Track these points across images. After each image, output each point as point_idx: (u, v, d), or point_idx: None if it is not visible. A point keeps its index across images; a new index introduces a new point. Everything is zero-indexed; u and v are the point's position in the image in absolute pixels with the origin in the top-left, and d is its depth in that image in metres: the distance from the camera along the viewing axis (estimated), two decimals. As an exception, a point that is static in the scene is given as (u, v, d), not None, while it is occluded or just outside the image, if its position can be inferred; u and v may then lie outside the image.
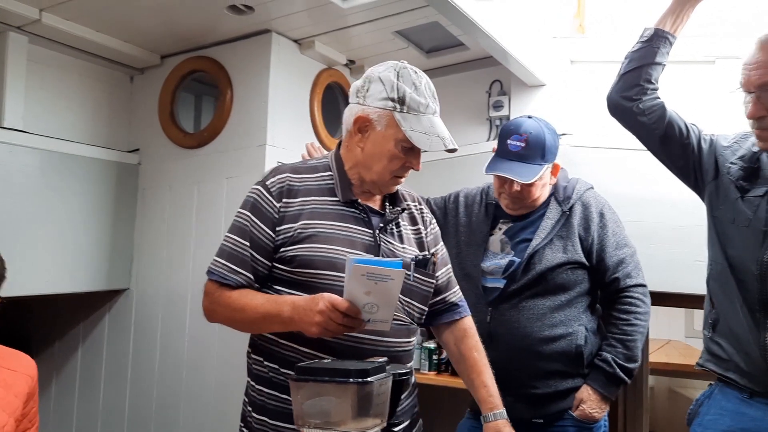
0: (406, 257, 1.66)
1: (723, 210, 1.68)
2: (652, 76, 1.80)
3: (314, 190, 1.63)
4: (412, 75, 1.59)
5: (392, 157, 1.59)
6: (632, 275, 2.08)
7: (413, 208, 1.78)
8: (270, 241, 1.59)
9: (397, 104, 1.56)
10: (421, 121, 1.56)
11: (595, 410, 2.02)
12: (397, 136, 1.57)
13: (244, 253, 1.60)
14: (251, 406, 1.67)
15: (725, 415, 1.63)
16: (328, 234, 1.58)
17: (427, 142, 1.55)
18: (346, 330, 1.43)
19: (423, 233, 1.76)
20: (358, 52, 2.87)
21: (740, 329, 1.60)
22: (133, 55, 2.76)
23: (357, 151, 1.63)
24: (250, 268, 1.60)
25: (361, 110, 1.60)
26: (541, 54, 2.68)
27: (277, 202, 1.60)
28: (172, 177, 2.79)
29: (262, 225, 1.60)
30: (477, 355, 1.76)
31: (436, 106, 1.61)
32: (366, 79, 1.62)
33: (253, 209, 1.61)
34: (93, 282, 2.75)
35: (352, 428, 1.18)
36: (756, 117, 1.56)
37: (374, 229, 1.63)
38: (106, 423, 2.89)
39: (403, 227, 1.71)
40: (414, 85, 1.57)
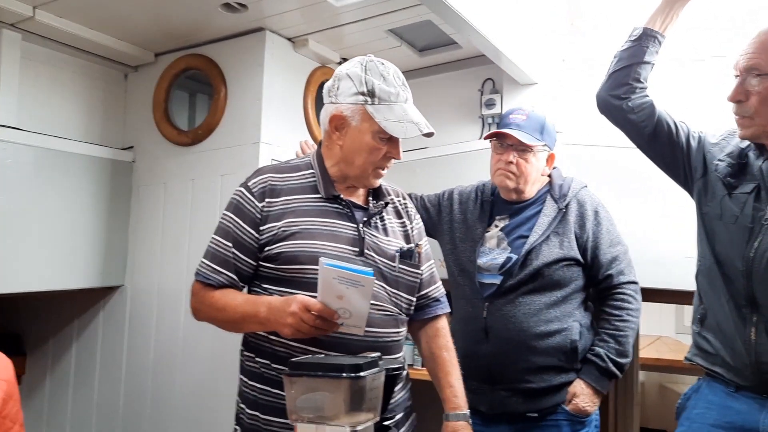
0: (391, 249, 1.69)
1: (711, 207, 1.70)
2: (641, 75, 1.82)
3: (297, 189, 1.67)
4: (379, 67, 1.63)
5: (371, 149, 1.63)
6: (625, 272, 2.11)
7: (397, 202, 1.81)
8: (254, 241, 1.63)
9: (368, 97, 1.59)
10: (393, 110, 1.59)
11: (588, 404, 2.05)
12: (372, 128, 1.60)
13: (226, 254, 1.64)
14: (244, 403, 1.69)
15: (712, 409, 1.66)
16: (312, 230, 1.61)
17: (402, 130, 1.59)
18: (318, 332, 1.46)
19: (409, 227, 1.79)
20: (351, 50, 2.87)
21: (727, 324, 1.62)
22: (127, 53, 2.76)
23: (336, 149, 1.67)
24: (232, 267, 1.64)
25: (334, 108, 1.64)
26: (533, 52, 2.69)
27: (259, 202, 1.64)
28: (167, 174, 2.80)
29: (245, 225, 1.64)
30: (446, 354, 1.80)
31: (407, 93, 1.64)
32: (335, 77, 1.66)
33: (236, 210, 1.66)
34: (87, 279, 2.75)
35: (345, 422, 1.20)
36: (735, 100, 1.59)
37: (358, 223, 1.66)
38: (100, 420, 2.89)
39: (387, 220, 1.74)
40: (382, 76, 1.61)
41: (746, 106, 1.58)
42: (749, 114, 1.58)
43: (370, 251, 1.65)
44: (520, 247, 2.09)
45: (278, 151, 2.61)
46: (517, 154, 2.13)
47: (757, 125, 1.59)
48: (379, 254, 1.67)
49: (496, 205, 2.24)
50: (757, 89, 1.55)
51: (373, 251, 1.66)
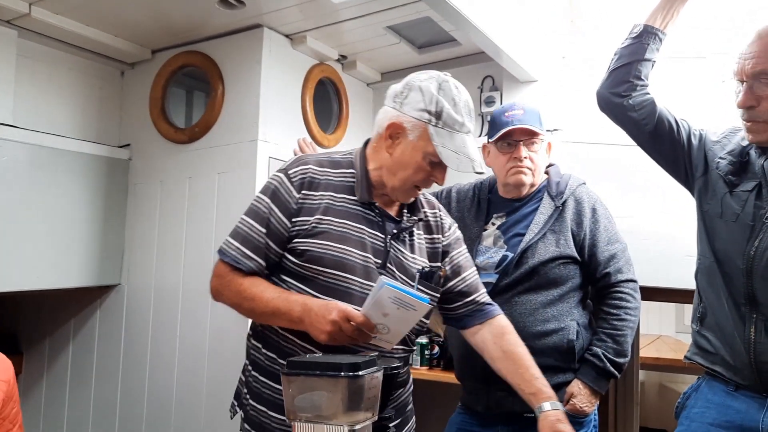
0: (414, 267, 1.65)
1: (711, 205, 1.69)
2: (641, 73, 1.81)
3: (334, 186, 1.62)
4: (453, 90, 1.57)
5: (418, 168, 1.58)
6: (623, 270, 2.09)
7: (430, 216, 1.75)
8: (285, 231, 1.58)
9: (433, 117, 1.54)
10: (454, 139, 1.54)
11: (586, 404, 2.03)
12: (426, 149, 1.55)
13: (259, 240, 1.58)
14: (249, 393, 1.68)
15: (711, 408, 1.64)
16: (341, 233, 1.58)
17: (455, 161, 1.54)
18: (352, 341, 1.44)
19: (439, 242, 1.75)
20: (349, 47, 2.86)
21: (726, 323, 1.61)
22: (123, 50, 2.75)
23: (384, 155, 1.62)
24: (263, 255, 1.59)
25: (396, 116, 1.58)
26: (532, 50, 2.68)
27: (297, 192, 1.59)
28: (163, 172, 2.79)
29: (280, 214, 1.59)
30: (521, 350, 1.72)
31: (472, 125, 1.59)
32: (406, 85, 1.60)
33: (273, 196, 1.60)
34: (84, 277, 2.74)
35: (343, 422, 1.18)
36: (746, 106, 1.56)
37: (387, 234, 1.62)
38: (97, 419, 2.88)
39: (416, 236, 1.70)
40: (453, 101, 1.55)
41: (758, 111, 1.55)
42: (763, 119, 1.56)
43: (392, 265, 1.62)
44: (516, 246, 2.08)
45: (276, 148, 2.60)
46: (527, 147, 2.11)
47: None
48: (400, 270, 1.63)
49: (493, 203, 2.23)
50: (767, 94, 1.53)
51: (395, 266, 1.62)
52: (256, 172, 2.52)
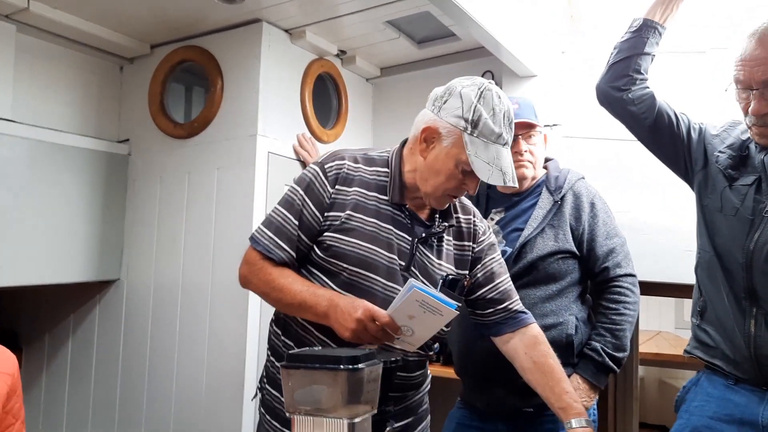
0: (438, 273, 1.64)
1: (711, 199, 1.69)
2: (641, 67, 1.81)
3: (367, 184, 1.62)
4: (494, 99, 1.54)
5: (450, 176, 1.57)
6: (622, 265, 2.09)
7: (463, 221, 1.73)
8: (317, 224, 1.59)
9: (470, 126, 1.52)
10: (489, 149, 1.52)
11: (585, 399, 2.03)
12: (460, 157, 1.54)
13: (291, 231, 1.59)
14: (266, 377, 1.71)
15: (711, 402, 1.65)
16: (369, 232, 1.58)
17: (487, 173, 1.52)
18: (375, 341, 1.45)
19: (469, 249, 1.72)
20: (349, 42, 2.86)
21: (726, 317, 1.61)
22: (122, 45, 2.75)
23: (419, 158, 1.61)
24: (294, 246, 1.60)
25: (432, 120, 1.57)
26: (532, 45, 2.68)
27: (330, 187, 1.59)
28: (163, 168, 2.79)
29: (313, 207, 1.59)
30: (553, 361, 1.69)
31: (509, 137, 1.56)
32: (447, 89, 1.58)
33: (307, 189, 1.60)
34: (83, 273, 2.74)
35: (342, 415, 1.18)
36: (761, 114, 1.54)
37: (414, 237, 1.62)
38: (96, 414, 2.88)
39: (445, 242, 1.68)
40: (493, 111, 1.52)
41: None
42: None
43: (416, 269, 1.61)
44: (515, 241, 2.08)
45: (275, 144, 2.60)
46: (526, 141, 2.12)
47: None
48: (424, 275, 1.62)
49: (492, 199, 2.23)
50: None
51: (419, 270, 1.62)
52: (255, 168, 2.51)
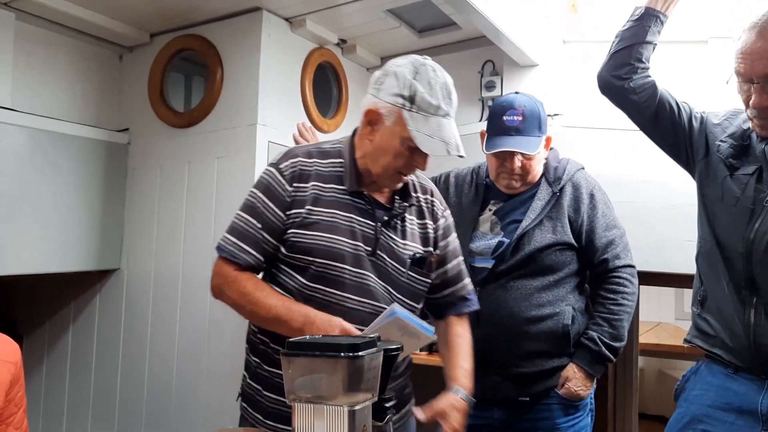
0: (405, 253, 1.67)
1: (712, 188, 1.68)
2: (642, 55, 1.80)
3: (324, 176, 1.65)
4: (430, 73, 1.56)
5: (397, 154, 1.59)
6: (621, 256, 2.09)
7: (423, 201, 1.77)
8: (281, 223, 1.62)
9: (407, 102, 1.54)
10: (429, 122, 1.54)
11: (581, 388, 2.04)
12: (402, 134, 1.56)
13: (256, 235, 1.62)
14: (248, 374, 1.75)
15: (710, 390, 1.65)
16: (330, 223, 1.61)
17: (430, 145, 1.54)
18: None
19: (430, 227, 1.76)
20: (349, 31, 2.85)
21: (726, 306, 1.61)
22: (121, 33, 2.73)
23: (366, 143, 1.64)
24: (261, 249, 1.63)
25: (373, 103, 1.60)
26: (533, 34, 2.67)
27: (289, 186, 1.62)
28: (163, 157, 2.78)
29: (275, 207, 1.62)
30: (460, 339, 1.77)
31: (450, 108, 1.58)
32: (384, 71, 1.61)
33: (266, 191, 1.64)
34: (83, 262, 2.74)
35: (343, 402, 1.18)
36: (762, 107, 1.54)
37: (377, 222, 1.65)
38: (97, 404, 2.89)
39: (408, 222, 1.71)
40: (429, 84, 1.55)
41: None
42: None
43: (383, 252, 1.64)
44: (513, 232, 2.07)
45: (275, 133, 2.59)
46: (522, 156, 2.07)
47: None
48: (391, 257, 1.65)
49: (491, 189, 2.22)
50: None
51: (385, 253, 1.65)
52: (255, 157, 2.51)
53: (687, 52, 2.50)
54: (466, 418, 1.61)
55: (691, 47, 2.52)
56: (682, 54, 2.48)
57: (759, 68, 1.51)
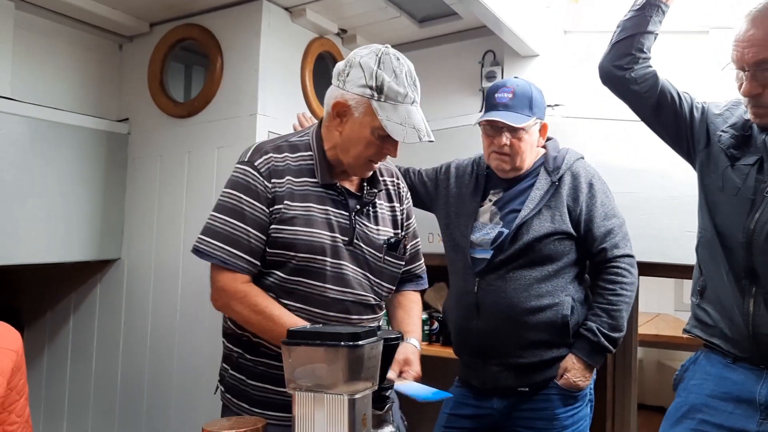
0: (379, 238, 1.74)
1: (713, 178, 1.69)
2: (644, 45, 1.80)
3: (295, 171, 1.67)
4: (394, 62, 1.59)
5: (368, 143, 1.62)
6: (620, 246, 2.09)
7: (390, 184, 1.83)
8: (266, 218, 1.63)
9: (375, 92, 1.57)
10: (398, 110, 1.57)
11: (580, 378, 2.04)
12: (373, 123, 1.59)
13: (248, 239, 1.62)
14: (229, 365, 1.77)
15: (709, 380, 1.66)
16: (308, 216, 1.64)
17: (401, 133, 1.57)
18: None
19: (398, 210, 1.83)
20: (349, 20, 2.84)
21: (726, 296, 1.62)
22: (121, 23, 2.72)
23: (335, 134, 1.66)
24: (250, 250, 1.62)
25: (340, 95, 1.62)
26: (534, 24, 2.66)
27: (267, 182, 1.64)
28: (163, 147, 2.78)
29: (260, 205, 1.63)
30: (413, 305, 1.93)
31: (416, 95, 1.62)
32: (347, 62, 1.63)
33: (247, 191, 1.63)
34: (83, 252, 2.74)
35: (343, 391, 1.19)
36: (752, 95, 1.55)
37: (350, 211, 1.69)
38: (98, 392, 2.90)
39: (379, 207, 1.77)
40: (394, 73, 1.58)
41: (764, 98, 1.55)
42: None
43: (359, 240, 1.70)
44: (512, 222, 2.08)
45: (275, 123, 2.59)
46: (510, 134, 2.08)
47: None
48: (367, 244, 1.71)
49: (491, 179, 2.22)
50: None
51: (361, 240, 1.70)
52: (255, 147, 2.50)
53: (688, 43, 2.49)
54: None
55: (693, 37, 2.51)
56: (684, 44, 2.48)
57: (749, 56, 1.52)
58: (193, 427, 2.58)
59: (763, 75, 1.52)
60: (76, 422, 2.95)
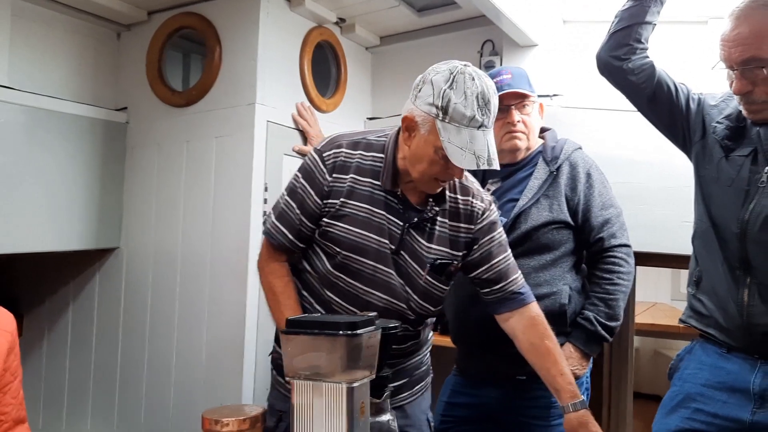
0: (427, 257, 1.69)
1: (708, 169, 1.69)
2: (642, 36, 1.80)
3: (363, 169, 1.68)
4: (467, 82, 1.53)
5: (432, 162, 1.59)
6: (617, 235, 2.10)
7: (461, 204, 1.74)
8: (318, 210, 1.68)
9: (440, 112, 1.53)
10: (461, 133, 1.52)
11: (577, 367, 2.05)
12: (436, 143, 1.56)
13: (293, 217, 1.71)
14: (276, 339, 1.85)
15: (704, 369, 1.67)
16: (361, 217, 1.65)
17: (460, 158, 1.52)
18: None
19: (465, 231, 1.74)
20: (348, 9, 2.83)
21: (721, 287, 1.63)
22: (119, 11, 2.71)
23: (405, 147, 1.66)
24: (296, 231, 1.71)
25: (410, 110, 1.61)
26: (533, 13, 2.65)
27: (328, 175, 1.67)
28: (161, 136, 2.78)
29: (313, 193, 1.68)
30: (549, 343, 1.73)
31: (486, 118, 1.54)
32: (423, 77, 1.60)
33: (306, 177, 1.70)
34: (82, 241, 2.75)
35: (341, 379, 1.21)
36: (743, 93, 1.56)
37: (405, 222, 1.67)
38: (97, 381, 2.92)
39: (438, 225, 1.71)
40: (464, 94, 1.52)
41: (755, 95, 1.55)
42: (761, 101, 1.56)
43: (405, 253, 1.68)
44: (510, 211, 2.08)
45: (274, 112, 2.59)
46: (519, 111, 2.11)
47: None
48: (413, 258, 1.69)
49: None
50: (762, 77, 1.52)
51: (407, 253, 1.68)
52: (254, 136, 2.50)
53: (686, 33, 2.49)
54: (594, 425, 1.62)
55: (691, 27, 2.51)
56: (681, 34, 2.47)
57: (735, 55, 1.53)
58: (192, 415, 2.60)
59: (751, 73, 1.52)
60: (76, 410, 2.97)
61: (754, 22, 1.51)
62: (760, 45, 1.50)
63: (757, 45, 1.50)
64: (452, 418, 2.17)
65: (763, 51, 1.50)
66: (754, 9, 1.52)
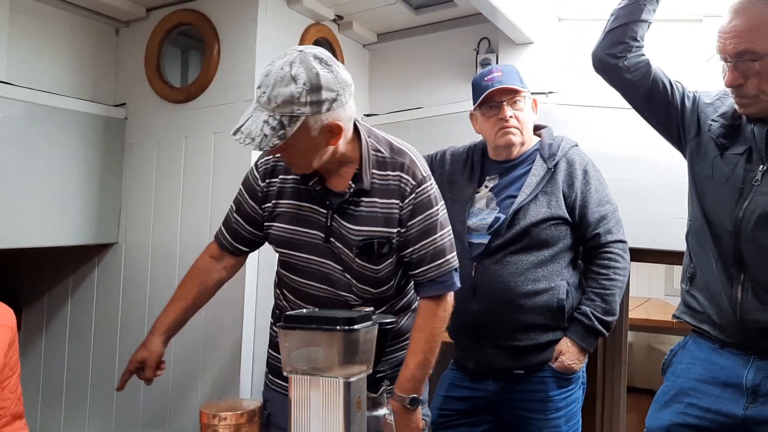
0: (356, 239, 1.67)
1: (702, 167, 1.71)
2: (637, 34, 1.81)
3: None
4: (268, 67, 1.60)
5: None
6: (613, 231, 2.12)
7: (391, 178, 1.68)
8: (255, 213, 1.79)
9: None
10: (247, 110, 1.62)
11: (574, 361, 2.08)
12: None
13: (234, 222, 1.84)
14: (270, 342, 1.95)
15: (697, 364, 1.69)
16: (291, 214, 1.73)
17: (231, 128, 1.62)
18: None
19: (396, 207, 1.68)
20: (345, 7, 2.83)
21: (714, 283, 1.65)
22: (117, 7, 2.71)
23: None
24: (232, 231, 1.85)
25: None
26: (529, 11, 2.66)
27: (261, 181, 1.76)
28: (160, 132, 2.78)
29: (248, 197, 1.79)
30: (415, 333, 1.74)
31: (259, 91, 1.56)
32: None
33: (244, 183, 1.83)
34: (81, 235, 2.75)
35: (338, 374, 1.22)
36: (734, 85, 1.58)
37: (328, 209, 1.70)
38: (96, 375, 2.92)
39: (365, 205, 1.67)
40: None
41: (746, 88, 1.57)
42: (752, 95, 1.57)
43: (335, 239, 1.70)
44: (509, 207, 2.10)
45: (272, 108, 2.59)
46: (511, 107, 2.12)
47: (762, 102, 1.57)
48: (342, 243, 1.69)
49: (486, 166, 2.24)
50: (754, 71, 1.54)
51: (337, 239, 1.70)
52: (252, 132, 2.51)
53: (681, 31, 2.51)
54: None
55: (686, 26, 2.52)
56: (677, 32, 2.49)
57: (730, 47, 1.55)
58: (190, 409, 2.62)
59: (744, 65, 1.54)
60: (74, 404, 2.98)
61: (751, 16, 1.53)
62: (755, 38, 1.52)
63: (751, 38, 1.52)
64: (450, 411, 2.19)
65: (757, 44, 1.51)
66: (752, 2, 1.54)
